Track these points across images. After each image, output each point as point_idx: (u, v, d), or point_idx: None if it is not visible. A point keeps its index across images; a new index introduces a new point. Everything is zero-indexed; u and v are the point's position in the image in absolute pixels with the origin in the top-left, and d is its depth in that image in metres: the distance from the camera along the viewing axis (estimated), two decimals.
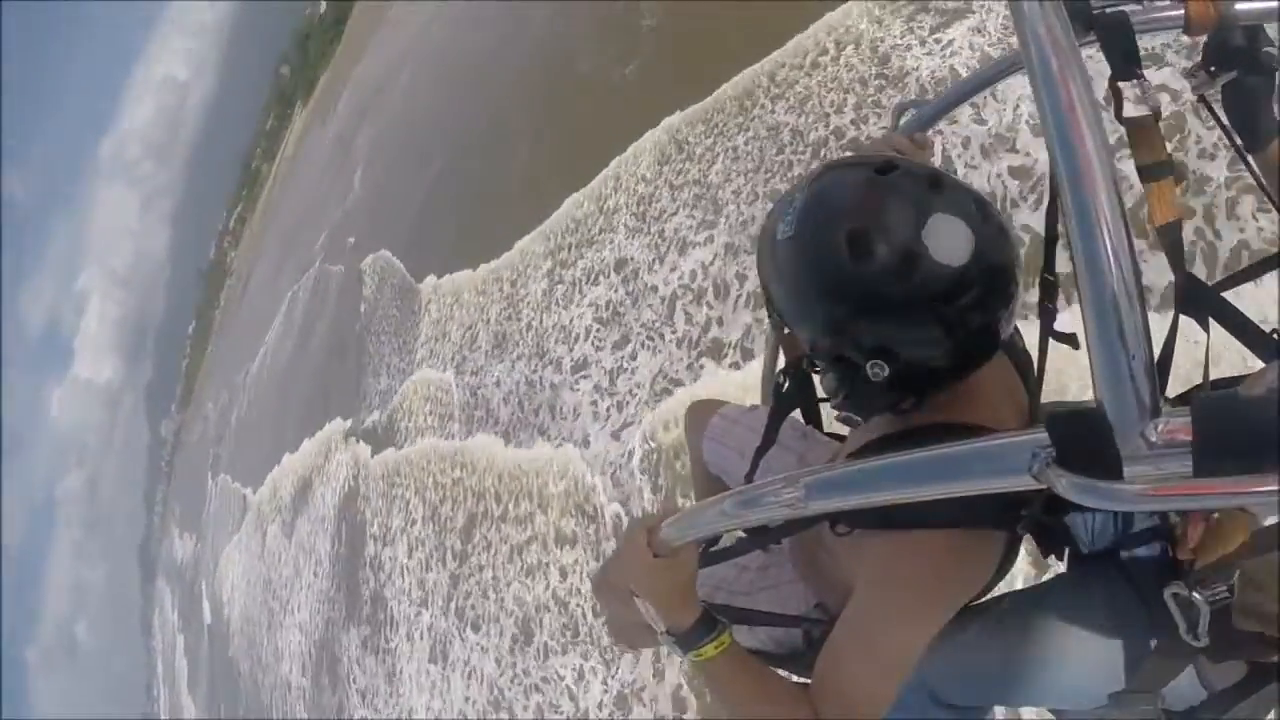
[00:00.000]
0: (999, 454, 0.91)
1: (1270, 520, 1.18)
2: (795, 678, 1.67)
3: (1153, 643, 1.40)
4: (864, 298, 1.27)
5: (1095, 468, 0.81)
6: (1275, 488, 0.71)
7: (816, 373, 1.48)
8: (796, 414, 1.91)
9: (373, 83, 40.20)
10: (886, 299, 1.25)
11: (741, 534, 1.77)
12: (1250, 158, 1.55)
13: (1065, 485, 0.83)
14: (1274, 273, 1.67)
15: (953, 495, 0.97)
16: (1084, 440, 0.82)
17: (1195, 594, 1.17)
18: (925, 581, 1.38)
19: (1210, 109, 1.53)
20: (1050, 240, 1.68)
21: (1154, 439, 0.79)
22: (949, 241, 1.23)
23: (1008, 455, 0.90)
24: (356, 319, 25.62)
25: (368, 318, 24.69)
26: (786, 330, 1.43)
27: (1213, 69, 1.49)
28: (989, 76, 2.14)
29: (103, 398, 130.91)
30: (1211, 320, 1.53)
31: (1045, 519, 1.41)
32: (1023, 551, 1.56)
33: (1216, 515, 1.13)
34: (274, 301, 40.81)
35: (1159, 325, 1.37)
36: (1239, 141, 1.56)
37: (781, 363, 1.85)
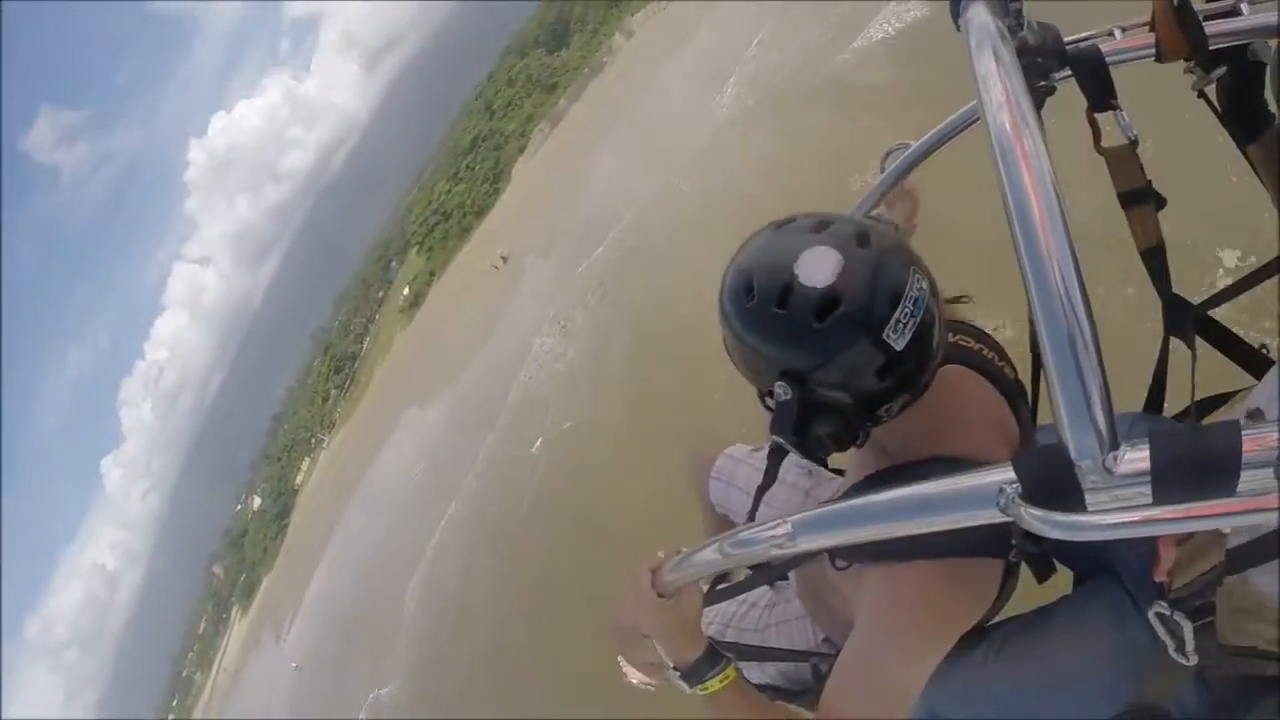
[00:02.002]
0: (969, 491, 0.92)
1: (1239, 536, 1.14)
2: (807, 712, 1.70)
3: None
4: (758, 328, 1.30)
5: (1059, 501, 0.81)
6: (1232, 512, 0.74)
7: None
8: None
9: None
10: (773, 325, 1.27)
11: (748, 570, 1.77)
12: (1246, 150, 1.52)
13: (1030, 519, 0.84)
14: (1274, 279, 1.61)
15: (930, 530, 0.98)
16: (1048, 475, 0.83)
17: (1176, 614, 1.16)
18: (923, 610, 1.35)
19: (1210, 103, 1.51)
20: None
21: (1114, 471, 0.79)
22: (816, 266, 1.25)
23: (978, 492, 0.90)
24: None
25: None
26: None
27: (1206, 65, 1.45)
28: (973, 117, 1.99)
29: None
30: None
31: (1032, 549, 1.40)
32: (1031, 575, 1.55)
33: (1192, 536, 1.10)
34: None
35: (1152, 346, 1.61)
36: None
37: None
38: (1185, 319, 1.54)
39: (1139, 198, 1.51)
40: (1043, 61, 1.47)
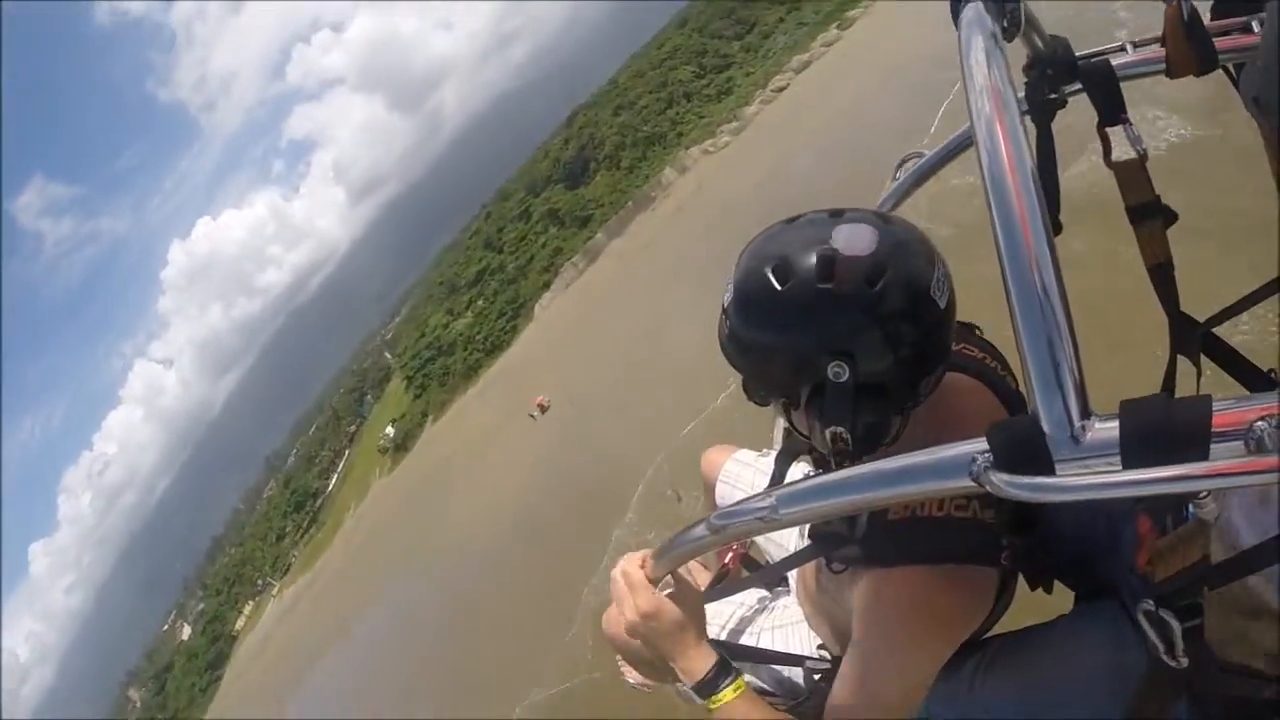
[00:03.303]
0: (944, 461, 0.91)
1: (1249, 538, 1.07)
2: None
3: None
4: (801, 310, 1.24)
5: (1028, 468, 0.81)
6: (1198, 475, 0.72)
7: (806, 433, 1.34)
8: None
9: None
10: (820, 302, 1.22)
11: (746, 573, 1.90)
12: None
13: (999, 483, 0.83)
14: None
15: (907, 499, 1.01)
16: (1018, 443, 0.83)
17: (1163, 612, 1.07)
18: (916, 615, 1.29)
19: (1229, 74, 1.46)
20: None
21: (1084, 440, 0.79)
22: (854, 238, 1.24)
23: (952, 462, 0.90)
24: None
25: None
26: (771, 403, 1.36)
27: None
28: None
29: None
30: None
31: (1019, 547, 1.32)
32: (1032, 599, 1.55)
33: (1174, 530, 1.03)
34: None
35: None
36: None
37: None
38: (1192, 338, 1.49)
39: (1147, 213, 1.50)
40: (1053, 74, 1.49)
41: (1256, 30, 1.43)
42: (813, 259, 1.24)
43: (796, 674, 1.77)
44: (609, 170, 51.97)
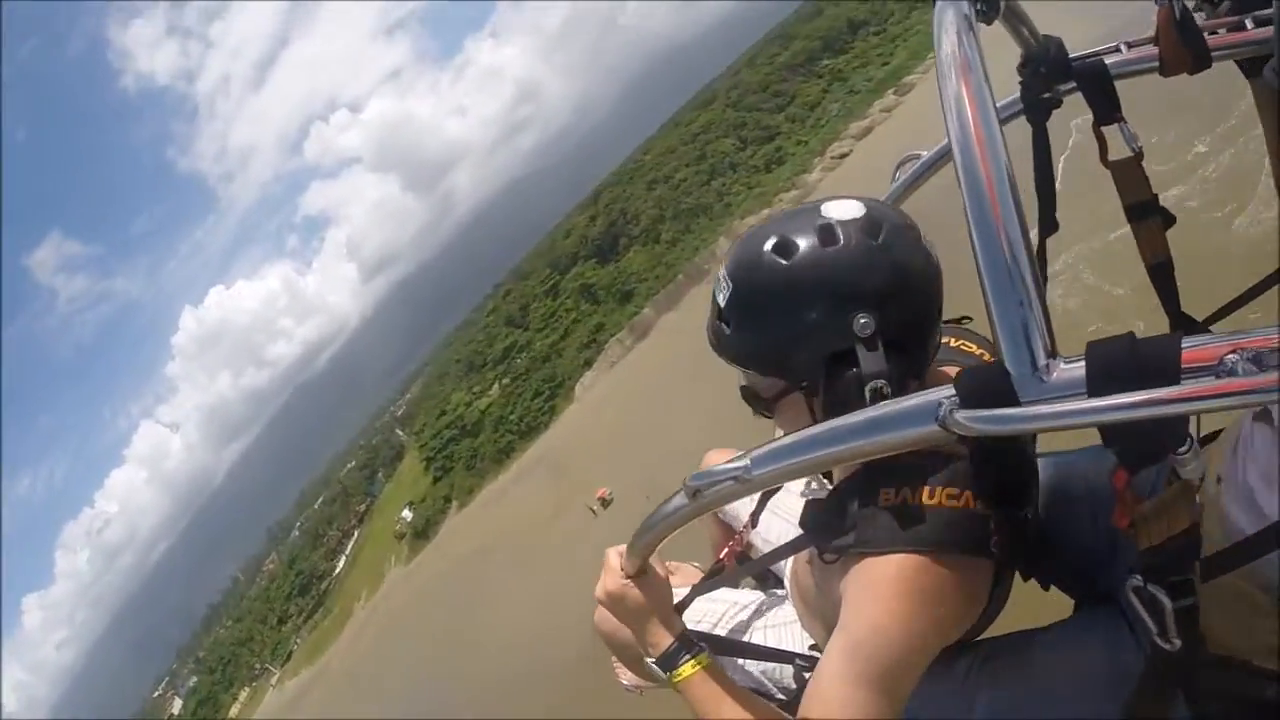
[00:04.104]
0: (911, 410, 0.91)
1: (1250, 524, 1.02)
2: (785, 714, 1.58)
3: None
4: (813, 278, 1.24)
5: (993, 407, 0.81)
6: (1171, 397, 0.70)
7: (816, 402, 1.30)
8: None
9: None
10: (831, 264, 1.23)
11: (739, 565, 1.88)
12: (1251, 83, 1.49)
13: (964, 421, 0.83)
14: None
15: (880, 451, 0.99)
16: (984, 386, 0.83)
17: (1151, 587, 1.00)
18: (906, 598, 1.23)
19: (1241, 68, 1.47)
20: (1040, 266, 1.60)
21: (1049, 379, 0.79)
22: (842, 207, 1.27)
23: (919, 410, 0.89)
24: None
25: None
26: (779, 398, 1.34)
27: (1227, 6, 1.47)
28: None
29: None
30: None
31: (1008, 527, 1.26)
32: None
33: (1158, 496, 0.95)
34: None
35: None
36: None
37: None
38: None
39: (1145, 211, 1.49)
40: (1047, 72, 1.50)
41: (1250, 28, 1.41)
42: (811, 230, 1.25)
43: (787, 672, 1.73)
44: (645, 245, 48.49)
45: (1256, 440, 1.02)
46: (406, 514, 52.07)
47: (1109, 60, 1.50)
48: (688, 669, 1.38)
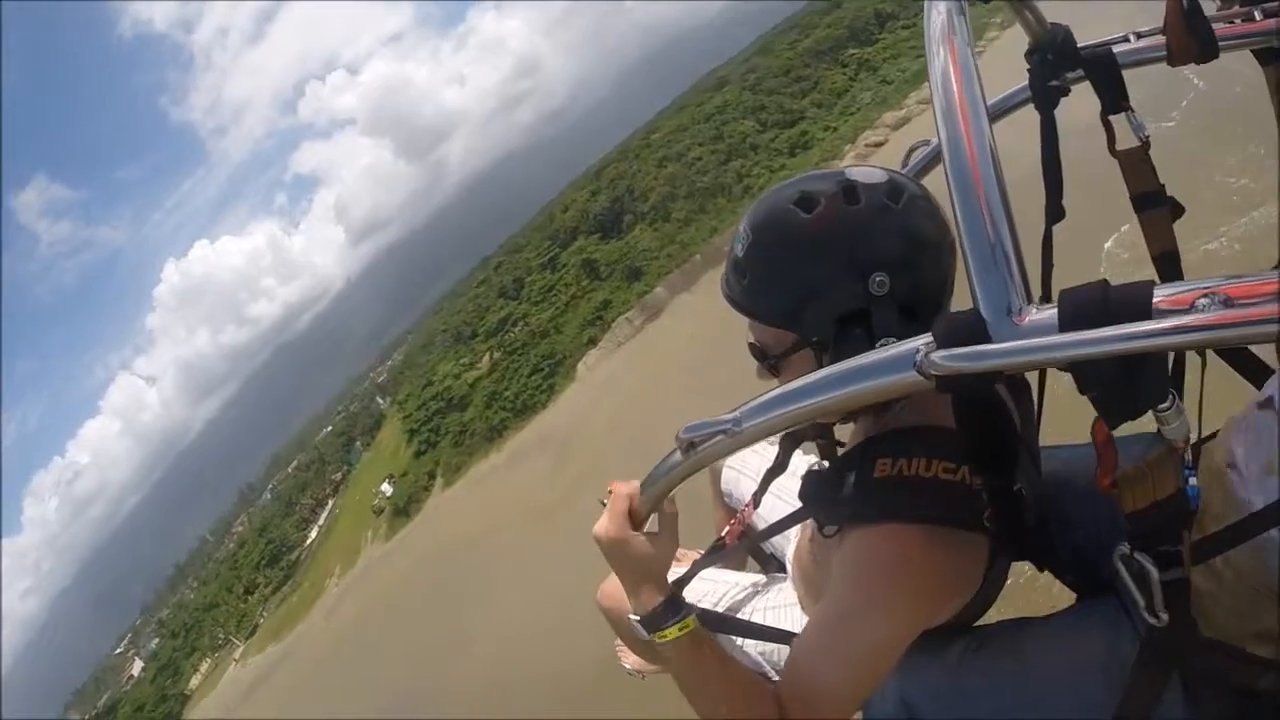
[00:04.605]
0: (891, 358, 0.91)
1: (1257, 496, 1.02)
2: None
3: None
4: (833, 233, 1.25)
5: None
6: (1144, 331, 0.70)
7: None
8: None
9: None
10: (851, 220, 1.25)
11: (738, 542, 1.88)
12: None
13: (938, 361, 0.83)
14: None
15: (863, 399, 0.98)
16: (959, 331, 0.84)
17: (1139, 556, 0.97)
18: (895, 571, 1.23)
19: (1257, 58, 1.46)
20: (1046, 268, 1.59)
21: (1023, 324, 0.80)
22: (866, 172, 1.30)
23: (899, 358, 0.90)
24: None
25: None
26: (788, 354, 1.34)
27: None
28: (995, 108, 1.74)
29: None
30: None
31: (1001, 497, 1.22)
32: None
33: (1143, 459, 0.92)
34: None
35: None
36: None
37: None
38: None
39: (1151, 201, 1.48)
40: (1054, 60, 1.49)
41: (1259, 19, 1.40)
42: (835, 188, 1.26)
43: (784, 652, 1.69)
44: (653, 223, 45.45)
45: (1261, 427, 1.03)
46: (386, 488, 48.93)
47: (1117, 49, 1.49)
48: (673, 631, 1.30)
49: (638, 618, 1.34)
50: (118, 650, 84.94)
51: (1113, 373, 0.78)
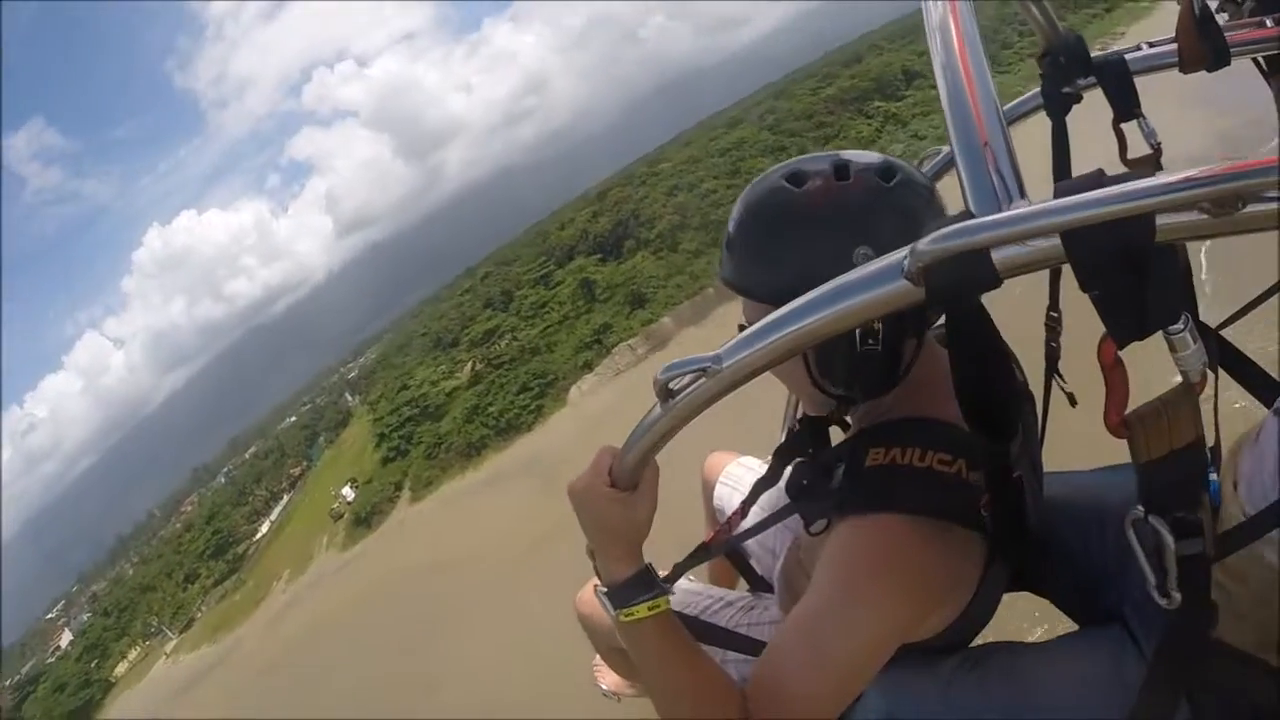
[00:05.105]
0: (879, 271, 0.88)
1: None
2: None
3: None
4: (823, 205, 1.22)
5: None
6: (1145, 189, 0.68)
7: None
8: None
9: None
10: (840, 195, 1.22)
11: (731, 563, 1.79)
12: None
13: (929, 248, 0.79)
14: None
15: (851, 320, 0.93)
16: (948, 223, 0.82)
17: (1153, 519, 0.86)
18: (883, 564, 1.15)
19: (1259, 66, 1.45)
20: (1054, 274, 1.51)
21: (1013, 208, 0.78)
22: (860, 154, 1.28)
23: (887, 269, 0.87)
24: None
25: None
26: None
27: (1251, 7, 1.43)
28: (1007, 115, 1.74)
29: None
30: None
31: (999, 488, 1.16)
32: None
33: (1158, 397, 0.85)
34: None
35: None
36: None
37: (799, 414, 1.59)
38: (1206, 345, 1.49)
39: None
40: (1066, 63, 1.47)
41: (1270, 26, 1.39)
42: (827, 165, 1.26)
43: None
44: (658, 251, 43.21)
45: (1270, 432, 0.99)
46: (348, 492, 45.37)
47: (1129, 57, 1.47)
48: (642, 609, 1.23)
49: (605, 590, 1.26)
50: (49, 616, 79.86)
51: (1116, 267, 0.72)
